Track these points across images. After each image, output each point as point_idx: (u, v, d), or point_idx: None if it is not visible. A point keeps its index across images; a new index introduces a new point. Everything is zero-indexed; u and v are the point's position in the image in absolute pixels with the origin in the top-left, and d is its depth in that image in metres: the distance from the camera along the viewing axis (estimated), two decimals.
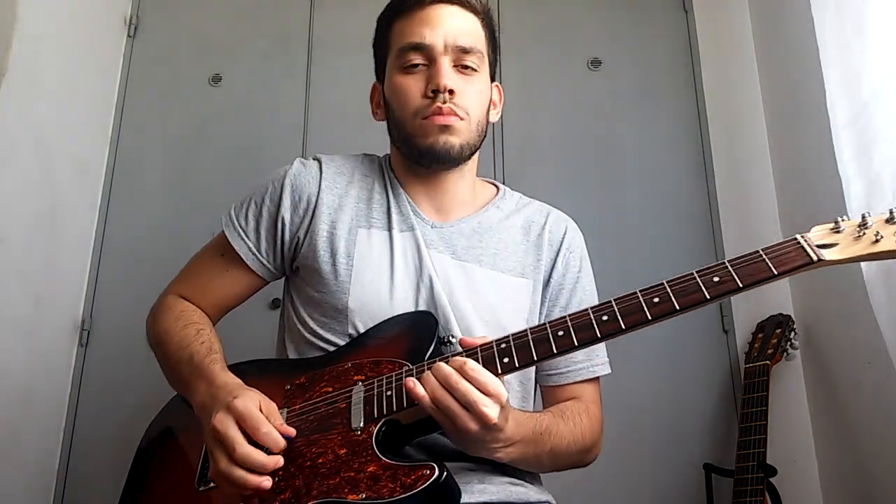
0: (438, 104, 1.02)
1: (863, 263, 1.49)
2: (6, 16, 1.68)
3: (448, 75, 1.02)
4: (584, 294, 1.11)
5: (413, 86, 1.04)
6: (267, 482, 0.83)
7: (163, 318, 1.10)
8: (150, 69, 2.21)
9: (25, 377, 1.74)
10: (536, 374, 1.10)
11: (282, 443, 0.85)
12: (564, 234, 1.13)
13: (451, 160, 1.05)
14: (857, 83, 1.55)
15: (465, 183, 1.12)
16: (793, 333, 1.81)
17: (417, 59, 1.04)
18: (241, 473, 0.83)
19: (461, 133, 1.04)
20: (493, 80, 1.14)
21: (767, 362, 1.75)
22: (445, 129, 1.02)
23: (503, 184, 1.22)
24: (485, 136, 1.11)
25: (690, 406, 1.92)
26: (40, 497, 1.82)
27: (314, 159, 1.14)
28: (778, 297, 1.95)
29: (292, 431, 0.88)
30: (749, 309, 1.96)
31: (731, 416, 1.89)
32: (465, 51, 1.05)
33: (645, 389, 1.91)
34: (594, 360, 1.09)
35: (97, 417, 1.90)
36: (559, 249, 1.12)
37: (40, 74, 1.78)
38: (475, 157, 1.13)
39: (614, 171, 2.10)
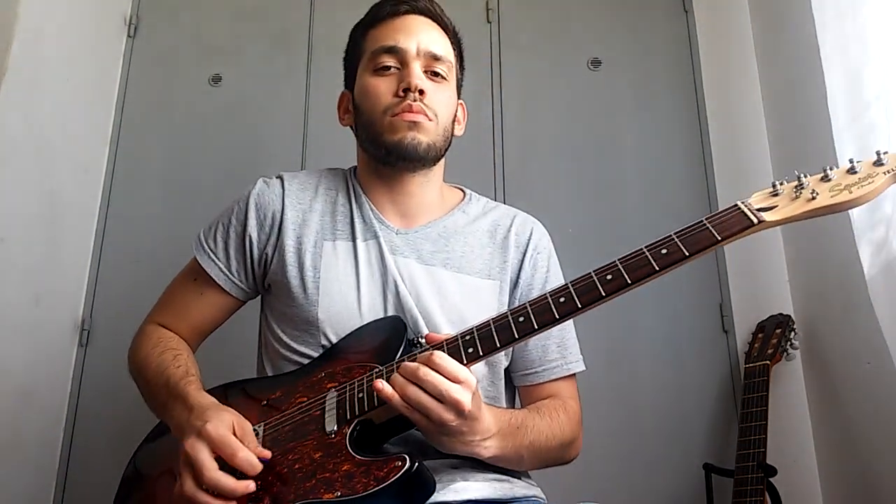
0: (409, 101, 1.05)
1: (864, 263, 1.49)
2: (7, 15, 1.68)
3: (419, 76, 1.06)
4: None
5: (384, 85, 1.07)
6: None
7: (141, 347, 1.12)
8: (151, 69, 2.21)
9: (25, 377, 1.74)
10: (513, 374, 1.12)
11: (258, 466, 0.86)
12: (530, 235, 1.15)
13: (418, 157, 1.07)
14: (858, 83, 1.55)
15: (430, 188, 1.15)
16: (793, 333, 1.81)
17: (390, 61, 1.08)
18: (205, 499, 0.83)
19: (428, 132, 1.06)
20: (458, 97, 1.17)
21: (767, 362, 1.75)
22: (414, 125, 1.05)
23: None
24: (449, 146, 1.14)
25: (690, 406, 1.92)
26: (40, 497, 1.82)
27: (277, 177, 1.17)
28: (778, 297, 1.95)
29: (267, 454, 0.88)
30: (749, 309, 1.96)
31: (730, 416, 1.89)
32: (436, 58, 1.09)
33: (645, 389, 1.91)
34: (568, 357, 1.11)
35: (97, 417, 1.90)
36: (525, 251, 1.13)
37: (40, 74, 1.79)
38: (441, 163, 1.15)
39: (614, 170, 2.10)
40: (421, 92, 1.05)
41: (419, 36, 1.08)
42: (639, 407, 1.89)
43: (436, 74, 1.09)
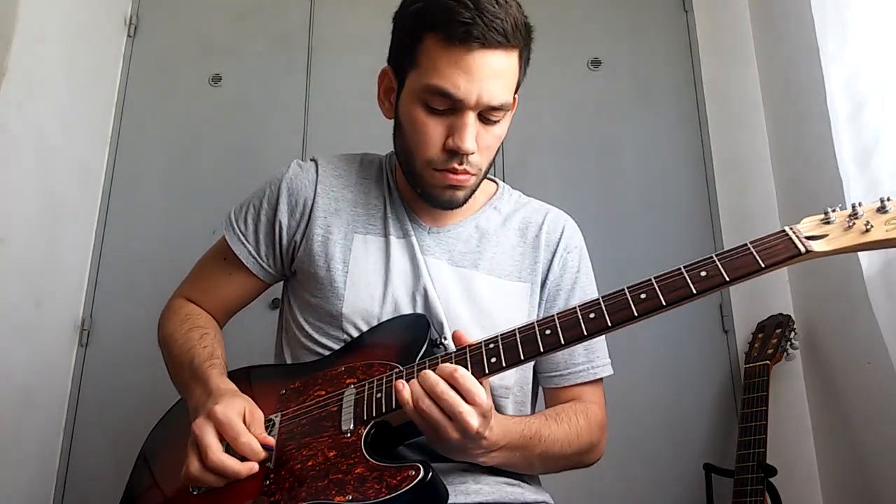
0: (454, 165, 0.97)
1: (863, 263, 1.49)
2: (7, 16, 1.68)
3: (470, 137, 0.95)
4: (583, 294, 1.09)
5: (433, 130, 0.96)
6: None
7: (169, 321, 1.11)
8: (150, 69, 2.21)
9: (26, 377, 1.74)
10: (538, 375, 1.10)
11: (260, 453, 0.86)
12: (562, 233, 1.12)
13: (454, 208, 1.04)
14: (857, 81, 1.55)
15: None
16: (793, 333, 1.81)
17: (444, 105, 0.94)
18: (211, 479, 0.84)
19: (469, 188, 1.02)
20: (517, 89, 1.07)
21: (767, 362, 1.75)
22: (455, 187, 1.00)
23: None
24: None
25: (690, 406, 1.92)
26: (40, 497, 1.82)
27: (311, 160, 1.13)
28: (778, 297, 1.95)
29: (272, 441, 0.89)
30: (749, 309, 1.96)
31: (731, 416, 1.89)
32: (494, 108, 0.96)
33: (645, 389, 1.91)
34: (595, 361, 1.07)
35: (97, 417, 1.90)
36: (556, 250, 1.10)
37: (40, 74, 1.79)
38: None
39: (614, 170, 2.10)
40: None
41: (483, 84, 0.93)
42: (639, 407, 1.89)
43: (489, 120, 0.97)
